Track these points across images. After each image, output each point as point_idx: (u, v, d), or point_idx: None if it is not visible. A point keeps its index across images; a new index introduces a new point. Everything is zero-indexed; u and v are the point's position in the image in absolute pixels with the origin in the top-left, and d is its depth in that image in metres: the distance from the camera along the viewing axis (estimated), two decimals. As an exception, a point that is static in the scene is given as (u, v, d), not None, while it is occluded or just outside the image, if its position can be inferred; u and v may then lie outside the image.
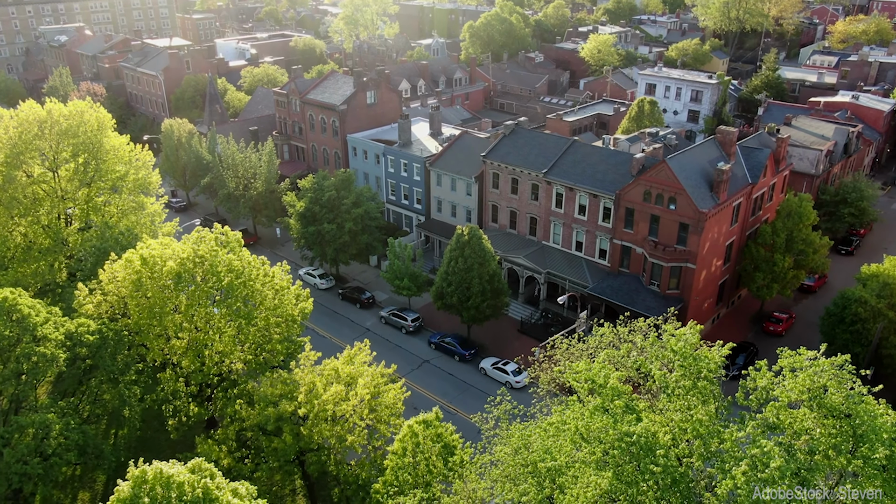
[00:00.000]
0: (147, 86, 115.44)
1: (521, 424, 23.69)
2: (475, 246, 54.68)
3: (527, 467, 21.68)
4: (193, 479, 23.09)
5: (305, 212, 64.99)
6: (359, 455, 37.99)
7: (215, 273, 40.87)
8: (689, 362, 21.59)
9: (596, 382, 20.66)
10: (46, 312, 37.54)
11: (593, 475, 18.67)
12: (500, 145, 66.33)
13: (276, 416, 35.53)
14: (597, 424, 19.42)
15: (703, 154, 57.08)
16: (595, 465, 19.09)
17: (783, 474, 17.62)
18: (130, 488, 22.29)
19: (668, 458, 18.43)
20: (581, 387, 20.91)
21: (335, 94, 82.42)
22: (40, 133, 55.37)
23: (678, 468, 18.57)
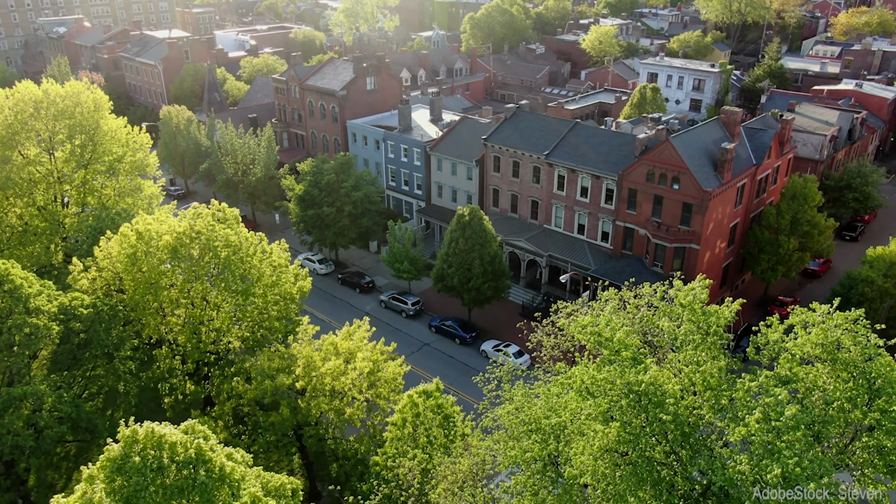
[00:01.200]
0: (146, 76, 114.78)
1: (524, 385, 22.98)
2: (476, 227, 53.99)
3: (529, 425, 20.99)
4: (186, 439, 22.40)
5: (304, 195, 64.30)
6: (357, 430, 37.30)
7: (212, 248, 40.15)
8: (698, 317, 20.88)
9: (602, 336, 19.95)
10: (40, 285, 36.86)
11: (599, 427, 17.95)
12: (502, 128, 65.62)
13: (273, 389, 34.85)
14: (602, 376, 18.69)
15: (706, 134, 56.37)
16: (601, 417, 18.39)
17: (798, 424, 16.90)
18: (121, 448, 21.57)
19: (677, 406, 17.73)
20: (587, 339, 20.20)
21: (335, 80, 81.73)
22: (36, 113, 54.67)
23: (688, 417, 17.87)
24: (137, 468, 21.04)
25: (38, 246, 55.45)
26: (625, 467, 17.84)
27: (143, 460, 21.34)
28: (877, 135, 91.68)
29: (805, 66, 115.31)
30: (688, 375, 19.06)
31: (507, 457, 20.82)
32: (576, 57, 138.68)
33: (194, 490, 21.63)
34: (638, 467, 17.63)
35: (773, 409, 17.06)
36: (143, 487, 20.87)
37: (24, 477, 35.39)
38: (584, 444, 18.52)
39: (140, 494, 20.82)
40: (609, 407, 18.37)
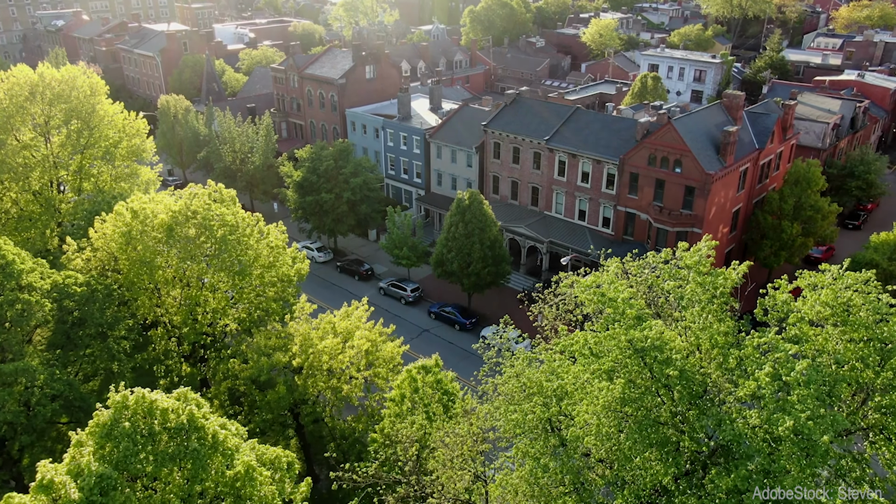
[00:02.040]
0: (144, 67, 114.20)
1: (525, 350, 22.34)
2: (476, 211, 53.39)
3: (530, 388, 20.39)
4: (178, 405, 21.81)
5: (303, 181, 63.72)
6: (355, 410, 36.72)
7: (208, 227, 39.60)
8: (705, 279, 20.29)
9: (606, 295, 19.37)
10: (32, 263, 36.29)
11: (604, 383, 17.34)
12: (502, 115, 65.04)
13: (270, 366, 34.28)
14: (606, 333, 18.10)
15: (709, 118, 55.80)
16: (605, 377, 17.80)
17: (809, 380, 16.30)
18: (111, 414, 20.98)
19: (684, 362, 17.14)
20: (590, 299, 19.61)
21: (334, 68, 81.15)
22: (31, 97, 54.13)
23: (695, 375, 17.28)
24: (127, 434, 20.46)
25: (34, 232, 54.88)
26: (629, 425, 17.23)
27: (134, 426, 20.77)
28: (879, 125, 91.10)
29: (806, 58, 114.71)
30: (694, 333, 18.48)
31: (507, 420, 20.22)
32: (576, 50, 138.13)
33: (186, 457, 21.07)
34: (643, 426, 17.05)
35: (782, 365, 16.47)
36: (133, 453, 20.29)
37: (16, 457, 34.78)
38: (587, 403, 17.92)
39: (130, 460, 20.23)
40: (613, 365, 17.78)
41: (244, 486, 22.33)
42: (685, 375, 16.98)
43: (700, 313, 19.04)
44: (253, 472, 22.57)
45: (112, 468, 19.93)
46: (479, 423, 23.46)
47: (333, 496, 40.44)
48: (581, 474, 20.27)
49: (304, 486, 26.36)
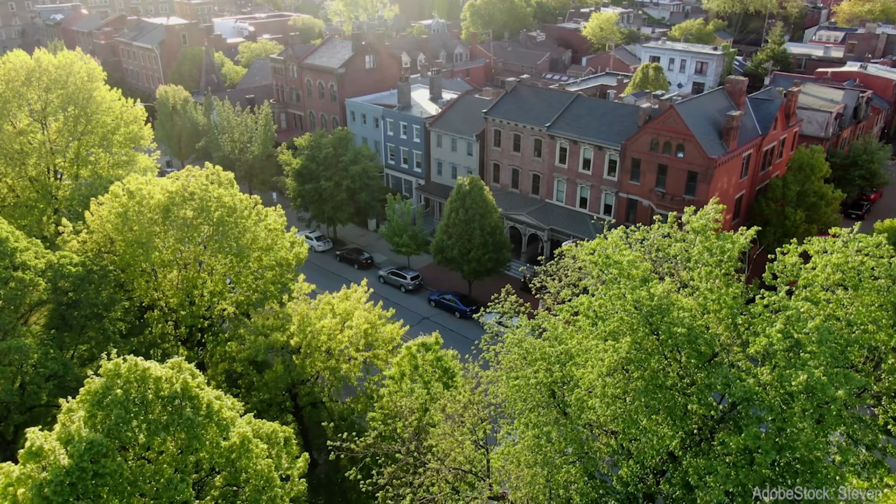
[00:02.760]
0: (143, 60, 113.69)
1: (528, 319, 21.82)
2: (476, 197, 52.88)
3: (533, 354, 19.85)
4: (172, 374, 21.29)
5: (302, 169, 63.21)
6: (354, 392, 36.19)
7: (205, 208, 39.08)
8: (712, 244, 19.77)
9: (611, 258, 18.85)
10: (27, 242, 35.77)
11: (609, 343, 16.80)
12: (502, 102, 64.53)
13: (267, 346, 33.76)
14: (612, 293, 17.55)
15: (711, 103, 55.28)
16: (611, 337, 17.25)
17: (821, 339, 15.76)
18: (103, 382, 20.44)
19: (693, 320, 16.62)
20: (594, 261, 19.07)
21: (333, 58, 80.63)
22: (27, 82, 53.61)
23: (704, 334, 16.73)
24: (119, 401, 19.93)
25: (31, 219, 54.39)
26: (635, 386, 16.67)
27: (126, 394, 20.23)
28: (882, 116, 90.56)
29: (808, 51, 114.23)
30: (702, 293, 17.95)
31: (509, 388, 19.68)
32: (577, 45, 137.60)
33: (180, 426, 20.52)
34: (649, 388, 16.51)
35: (794, 323, 15.94)
36: (125, 421, 19.75)
37: (10, 438, 34.26)
38: (591, 365, 17.38)
39: (122, 428, 19.70)
40: (618, 326, 17.24)
41: (240, 457, 21.82)
42: (693, 334, 16.44)
43: (707, 275, 18.50)
44: (249, 444, 22.06)
45: (104, 436, 19.41)
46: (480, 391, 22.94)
47: (332, 481, 40.02)
48: (585, 443, 19.77)
49: (301, 462, 25.87)
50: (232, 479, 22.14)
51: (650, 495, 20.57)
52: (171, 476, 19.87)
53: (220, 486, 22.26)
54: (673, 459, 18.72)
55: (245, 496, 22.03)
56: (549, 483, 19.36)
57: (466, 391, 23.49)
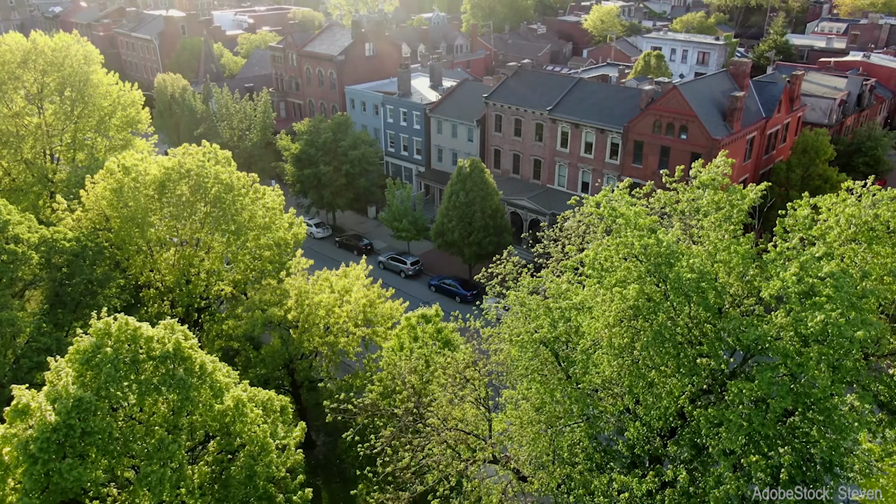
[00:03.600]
0: (142, 52, 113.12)
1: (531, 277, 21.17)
2: (477, 179, 52.26)
3: (537, 310, 19.21)
4: (164, 334, 20.67)
5: (301, 154, 62.60)
6: (352, 368, 35.56)
7: (202, 185, 38.49)
8: (721, 197, 19.14)
9: (617, 210, 18.23)
10: (20, 216, 35.17)
11: (617, 289, 16.15)
12: (503, 86, 63.92)
13: (265, 320, 33.15)
14: (619, 241, 16.92)
15: (715, 84, 54.67)
16: (618, 286, 16.60)
17: (838, 284, 15.12)
18: (92, 341, 19.81)
19: (703, 265, 15.97)
20: (599, 213, 18.45)
21: (333, 45, 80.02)
22: (23, 64, 53.05)
23: (714, 282, 16.07)
24: (109, 360, 19.29)
25: (26, 203, 53.82)
26: (644, 337, 16.00)
27: (116, 353, 19.60)
28: (885, 105, 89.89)
29: (810, 42, 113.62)
30: (712, 242, 17.31)
31: (512, 344, 19.02)
32: (577, 38, 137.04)
33: (172, 387, 19.87)
34: (657, 339, 15.84)
35: (809, 267, 15.30)
36: (115, 379, 19.11)
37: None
38: (597, 315, 16.75)
39: (111, 387, 19.06)
40: (625, 275, 16.60)
41: (234, 421, 21.19)
42: (704, 280, 15.79)
43: (717, 225, 17.87)
44: (243, 408, 21.44)
45: (93, 395, 18.79)
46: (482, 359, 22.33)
47: (330, 461, 39.41)
48: (591, 404, 19.16)
49: (297, 431, 25.26)
50: (226, 444, 21.52)
51: (657, 458, 19.95)
52: (163, 437, 19.25)
53: (214, 451, 21.63)
54: (681, 418, 18.10)
55: (240, 463, 21.41)
56: (552, 442, 18.74)
57: (468, 350, 22.90)
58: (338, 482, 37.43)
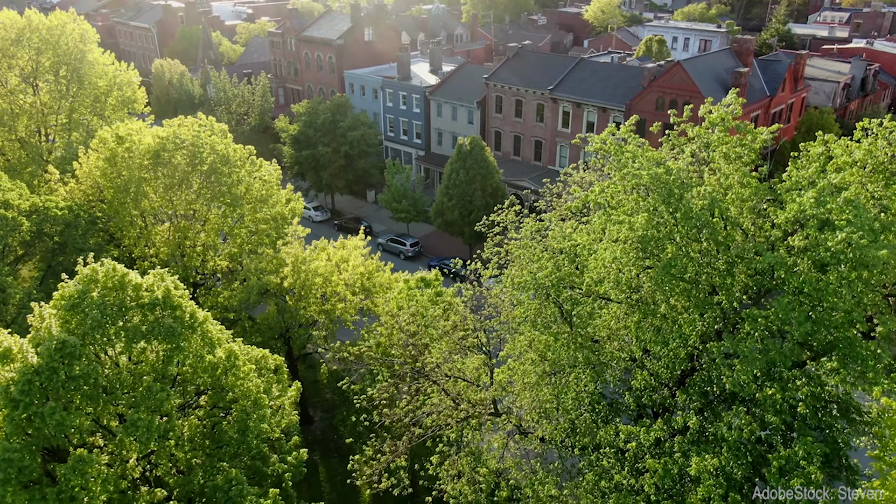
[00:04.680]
0: (140, 40, 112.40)
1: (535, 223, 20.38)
2: (477, 157, 51.51)
3: (543, 251, 18.46)
4: (153, 282, 19.92)
5: (299, 135, 61.88)
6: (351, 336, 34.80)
7: (197, 154, 37.76)
8: (731, 139, 18.39)
9: (623, 148, 17.48)
10: (11, 183, 34.45)
11: (624, 217, 15.37)
12: (504, 67, 63.20)
13: (260, 288, 32.41)
14: (626, 170, 16.18)
15: (718, 61, 53.94)
16: (625, 218, 15.81)
17: (858, 212, 14.35)
18: (77, 286, 19.07)
19: (714, 193, 15.22)
20: (606, 149, 17.71)
21: (332, 30, 79.30)
22: (18, 41, 52.35)
23: (726, 211, 15.31)
24: (96, 304, 18.54)
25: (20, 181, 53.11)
26: (653, 271, 15.22)
27: (103, 298, 18.86)
28: (889, 91, 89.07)
29: (813, 32, 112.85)
30: (724, 174, 16.56)
31: (514, 283, 18.24)
32: (578, 29, 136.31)
33: (160, 335, 19.09)
34: (668, 270, 15.04)
35: (826, 193, 14.55)
36: (101, 324, 18.35)
37: None
38: (604, 248, 15.99)
39: (97, 332, 18.31)
40: (634, 207, 15.84)
41: (225, 374, 20.45)
42: (716, 208, 15.02)
43: (728, 159, 17.13)
44: (235, 360, 20.69)
45: (78, 340, 18.04)
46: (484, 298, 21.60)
47: (327, 437, 38.68)
48: (597, 350, 18.42)
49: (292, 391, 24.52)
50: (217, 399, 20.78)
51: (664, 409, 19.22)
52: (151, 385, 18.50)
53: (206, 405, 20.89)
54: (691, 362, 17.39)
55: (232, 418, 20.66)
56: (556, 391, 17.99)
57: (468, 295, 22.21)
58: (335, 457, 36.73)
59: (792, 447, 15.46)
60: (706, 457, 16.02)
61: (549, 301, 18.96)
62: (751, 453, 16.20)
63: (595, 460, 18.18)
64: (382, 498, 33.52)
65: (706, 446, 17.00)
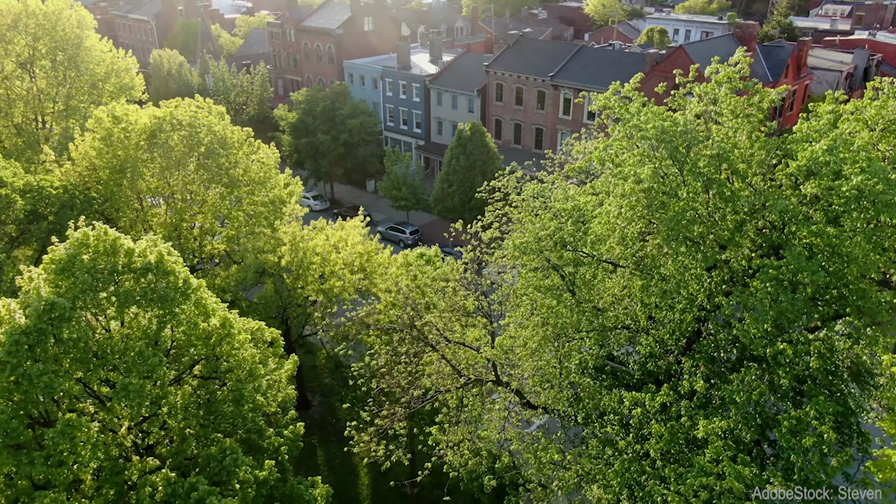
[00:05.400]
0: (139, 33, 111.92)
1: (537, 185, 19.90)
2: (478, 142, 51.03)
3: (545, 211, 17.98)
4: (146, 247, 19.44)
5: (298, 123, 61.40)
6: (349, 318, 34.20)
7: (195, 135, 37.31)
8: (738, 100, 17.92)
9: (626, 105, 17.01)
10: (5, 162, 33.97)
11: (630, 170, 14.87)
12: (504, 55, 62.71)
13: (257, 266, 31.93)
14: (633, 123, 15.70)
15: (720, 46, 53.44)
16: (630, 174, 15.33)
17: (872, 165, 13.84)
18: (68, 250, 18.59)
19: (723, 145, 14.73)
20: (610, 106, 17.24)
21: (331, 19, 78.81)
22: (14, 26, 51.89)
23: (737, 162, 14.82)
24: (86, 267, 18.06)
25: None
26: (659, 225, 14.67)
27: (94, 262, 18.37)
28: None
29: (814, 24, 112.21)
30: (732, 128, 16.07)
31: (513, 245, 17.74)
32: (579, 23, 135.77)
33: (153, 300, 18.62)
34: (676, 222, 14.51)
35: (840, 142, 14.04)
36: (92, 287, 17.86)
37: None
38: (608, 203, 15.49)
39: (88, 295, 17.81)
40: (639, 159, 15.34)
41: (220, 342, 19.96)
42: (724, 160, 14.53)
43: (735, 113, 16.64)
44: (230, 328, 20.21)
45: (68, 303, 17.55)
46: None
47: (326, 421, 38.22)
48: (601, 315, 17.93)
49: (289, 364, 24.02)
50: (211, 368, 20.29)
51: (670, 376, 18.73)
52: (143, 349, 18.01)
53: (201, 374, 20.40)
54: (698, 323, 16.91)
55: (226, 387, 20.17)
56: (559, 357, 17.49)
57: (468, 256, 21.75)
58: (334, 441, 36.25)
59: (803, 408, 14.99)
60: (714, 419, 15.55)
61: (550, 268, 18.49)
62: (760, 416, 15.73)
63: (599, 427, 17.70)
64: (381, 479, 33.07)
65: (714, 410, 16.54)
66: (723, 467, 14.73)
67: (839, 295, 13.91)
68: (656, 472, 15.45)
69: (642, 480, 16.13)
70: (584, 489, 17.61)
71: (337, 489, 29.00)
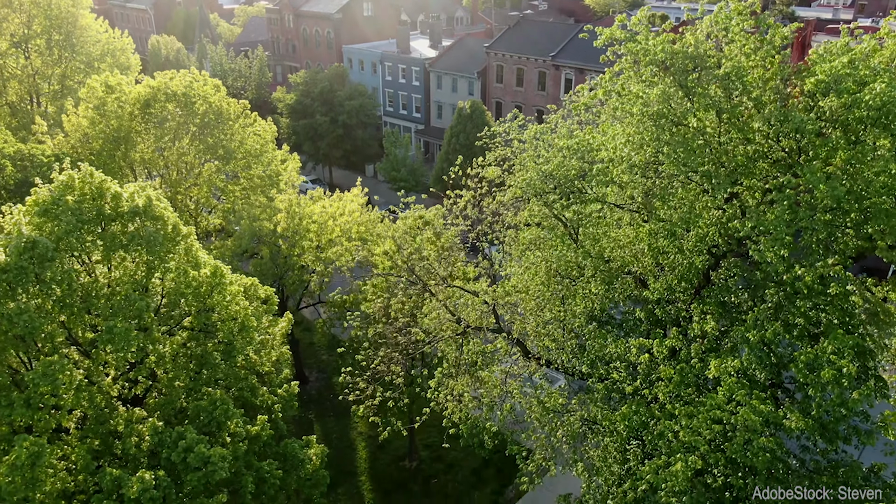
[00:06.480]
0: (137, 23, 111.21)
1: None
2: (478, 120, 50.32)
3: (548, 148, 17.26)
4: (133, 191, 18.69)
5: (296, 104, 60.67)
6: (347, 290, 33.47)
7: (189, 105, 36.64)
8: (749, 37, 17.20)
9: (634, 37, 16.27)
10: (-5, 129, 33.30)
11: (637, 92, 14.18)
12: (505, 36, 62.00)
13: (252, 233, 31.21)
14: (639, 49, 14.99)
15: (725, 24, 52.70)
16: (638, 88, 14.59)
17: (893, 79, 13.11)
18: (52, 192, 17.82)
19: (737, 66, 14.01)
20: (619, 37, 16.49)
21: (330, 4, 78.12)
22: (8, 3, 51.21)
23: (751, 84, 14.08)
24: (71, 209, 17.32)
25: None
26: (669, 147, 13.87)
27: (79, 205, 17.64)
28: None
29: (816, 14, 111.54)
30: (744, 53, 15.34)
31: (517, 186, 16.99)
32: (579, 13, 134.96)
33: (141, 245, 17.85)
34: (685, 151, 13.78)
35: (860, 60, 13.32)
36: (76, 228, 17.12)
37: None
38: (614, 131, 14.77)
39: (72, 237, 17.08)
40: (645, 90, 14.60)
41: (210, 292, 19.23)
42: (740, 75, 13.80)
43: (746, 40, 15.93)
44: (222, 278, 19.48)
45: (54, 243, 16.83)
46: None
47: (323, 396, 37.51)
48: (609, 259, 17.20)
49: (284, 322, 23.31)
50: (203, 321, 19.55)
51: (677, 323, 18.01)
52: (130, 293, 17.28)
53: (191, 326, 19.66)
54: (712, 260, 16.19)
55: (217, 339, 19.45)
56: (563, 301, 16.78)
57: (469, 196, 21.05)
58: (331, 416, 35.57)
59: (820, 343, 14.27)
60: (727, 359, 14.84)
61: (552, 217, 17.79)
62: (775, 354, 15.00)
63: (605, 374, 16.97)
64: (379, 452, 32.36)
65: (726, 352, 15.83)
66: (736, 405, 14.03)
67: (860, 219, 13.18)
68: (665, 413, 14.73)
69: (651, 424, 15.42)
70: (589, 438, 16.88)
71: (334, 463, 28.28)
